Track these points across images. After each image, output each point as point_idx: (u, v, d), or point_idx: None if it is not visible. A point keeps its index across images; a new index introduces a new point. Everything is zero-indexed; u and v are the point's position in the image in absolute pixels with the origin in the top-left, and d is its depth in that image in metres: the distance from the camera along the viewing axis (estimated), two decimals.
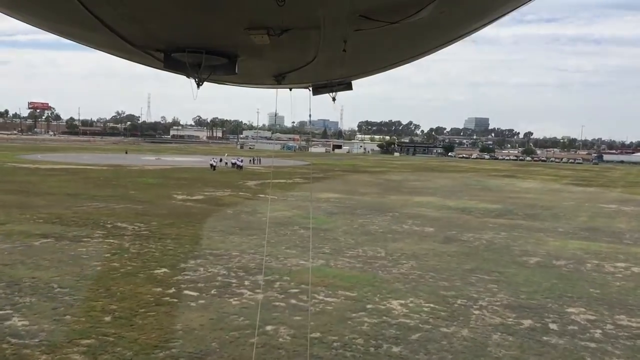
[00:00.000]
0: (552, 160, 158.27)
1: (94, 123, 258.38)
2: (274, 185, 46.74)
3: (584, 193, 54.02)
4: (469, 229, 28.13)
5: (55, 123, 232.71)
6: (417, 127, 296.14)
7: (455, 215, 33.16)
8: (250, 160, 79.48)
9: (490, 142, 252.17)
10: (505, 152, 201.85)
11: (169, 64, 5.19)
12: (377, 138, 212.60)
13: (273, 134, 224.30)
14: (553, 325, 13.87)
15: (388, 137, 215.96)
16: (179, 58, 5.02)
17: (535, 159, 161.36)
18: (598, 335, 13.28)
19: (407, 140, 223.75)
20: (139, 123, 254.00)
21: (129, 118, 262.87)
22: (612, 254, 23.12)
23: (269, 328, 12.65)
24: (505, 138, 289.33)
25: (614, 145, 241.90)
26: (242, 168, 65.86)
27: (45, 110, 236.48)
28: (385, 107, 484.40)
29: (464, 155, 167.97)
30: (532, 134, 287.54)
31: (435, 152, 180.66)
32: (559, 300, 16.05)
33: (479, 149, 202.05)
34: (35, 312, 13.09)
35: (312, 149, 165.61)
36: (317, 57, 5.45)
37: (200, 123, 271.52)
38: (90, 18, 4.13)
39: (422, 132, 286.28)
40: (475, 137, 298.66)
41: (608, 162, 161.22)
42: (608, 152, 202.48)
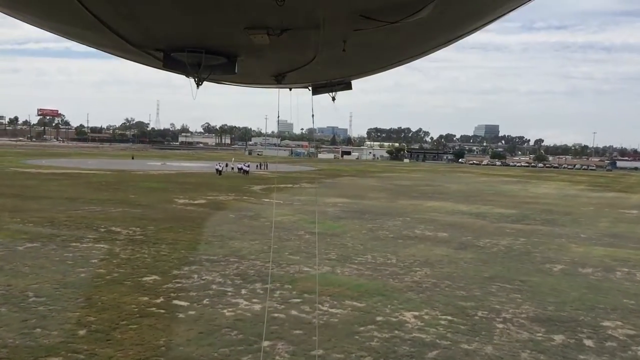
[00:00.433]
0: (564, 167, 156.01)
1: (103, 130, 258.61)
2: (280, 190, 45.33)
3: (602, 198, 52.01)
4: (485, 235, 26.47)
5: (65, 130, 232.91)
6: (426, 134, 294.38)
7: (470, 221, 31.48)
8: (257, 166, 78.83)
9: (501, 149, 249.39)
10: (517, 158, 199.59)
11: (169, 64, 5.17)
12: (386, 145, 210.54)
13: (282, 141, 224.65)
14: (588, 342, 12.26)
15: (397, 143, 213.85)
16: (179, 57, 5.01)
17: (548, 166, 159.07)
18: None
19: (416, 147, 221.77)
20: (148, 130, 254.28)
21: (138, 125, 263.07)
22: None
23: (266, 344, 11.10)
24: (516, 145, 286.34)
25: (626, 152, 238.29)
26: (248, 173, 64.76)
27: (55, 117, 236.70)
28: (395, 114, 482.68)
29: (475, 162, 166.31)
30: (542, 141, 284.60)
31: (446, 158, 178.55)
32: (592, 312, 14.43)
33: (490, 156, 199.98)
34: (2, 324, 11.63)
35: (320, 156, 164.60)
36: (316, 57, 5.40)
37: (209, 130, 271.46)
38: (90, 17, 4.14)
39: (431, 139, 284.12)
40: (485, 144, 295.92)
41: (622, 168, 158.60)
42: (620, 158, 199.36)
